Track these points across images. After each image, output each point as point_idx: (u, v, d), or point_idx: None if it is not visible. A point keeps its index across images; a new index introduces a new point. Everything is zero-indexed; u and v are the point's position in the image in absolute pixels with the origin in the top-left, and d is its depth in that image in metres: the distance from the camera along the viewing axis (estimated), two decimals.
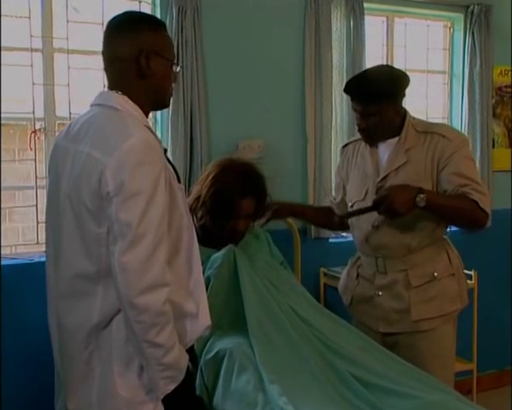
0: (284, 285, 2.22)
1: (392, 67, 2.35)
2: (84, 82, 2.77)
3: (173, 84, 1.75)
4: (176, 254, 1.62)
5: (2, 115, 2.64)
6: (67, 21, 2.72)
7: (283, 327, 2.00)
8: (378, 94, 2.12)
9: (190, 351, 1.69)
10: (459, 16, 3.68)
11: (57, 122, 2.80)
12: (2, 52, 2.63)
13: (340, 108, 3.29)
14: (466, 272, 3.09)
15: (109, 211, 1.46)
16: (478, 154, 3.61)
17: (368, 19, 3.34)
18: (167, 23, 2.82)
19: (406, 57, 3.59)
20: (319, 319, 2.11)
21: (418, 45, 3.65)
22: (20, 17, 2.65)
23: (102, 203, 1.47)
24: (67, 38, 2.73)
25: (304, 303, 2.18)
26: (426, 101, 3.68)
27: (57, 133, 2.84)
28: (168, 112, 2.85)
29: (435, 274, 2.23)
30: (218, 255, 2.19)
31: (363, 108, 2.16)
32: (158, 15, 2.89)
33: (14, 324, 2.55)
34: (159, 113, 2.94)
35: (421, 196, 2.02)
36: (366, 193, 2.27)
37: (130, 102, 1.60)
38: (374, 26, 3.47)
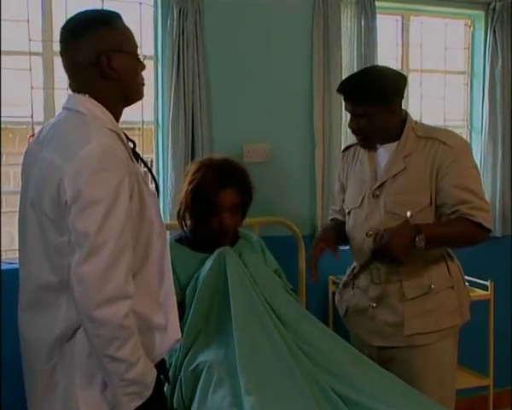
0: (274, 292, 2.13)
1: (388, 68, 2.23)
2: None
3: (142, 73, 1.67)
4: (145, 264, 1.56)
5: (2, 119, 2.64)
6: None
7: (270, 333, 1.92)
8: (367, 94, 2.03)
9: (161, 365, 1.62)
10: (480, 14, 3.52)
11: None
12: (2, 56, 2.63)
13: None
14: (481, 282, 2.97)
15: (68, 220, 1.40)
16: (499, 157, 3.44)
17: (381, 18, 3.22)
18: (168, 25, 2.78)
19: (422, 57, 3.45)
20: (308, 329, 2.03)
21: (435, 45, 3.50)
22: (19, 21, 2.63)
23: (62, 212, 1.42)
24: None
25: (293, 312, 2.09)
26: (443, 102, 3.53)
27: None
28: (168, 115, 2.80)
29: (432, 286, 2.11)
30: (210, 257, 2.14)
31: (353, 108, 2.07)
32: (159, 17, 2.85)
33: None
34: (160, 116, 2.89)
35: (420, 236, 1.95)
36: (362, 200, 2.18)
37: (97, 104, 1.54)
38: (387, 25, 3.35)
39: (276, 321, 1.99)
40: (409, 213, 2.03)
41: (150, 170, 1.75)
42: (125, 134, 1.65)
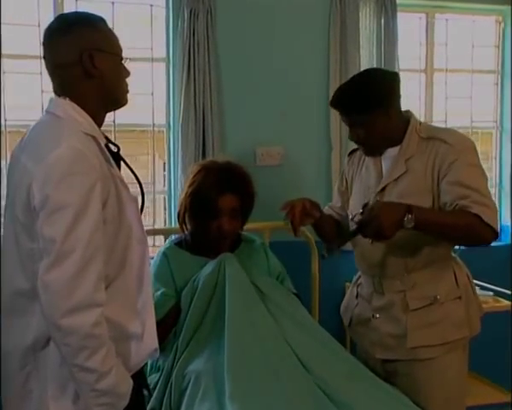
0: (272, 300, 2.07)
1: (378, 71, 2.11)
2: None
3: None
4: (122, 270, 1.51)
5: (13, 123, 2.67)
6: None
7: (264, 341, 1.87)
8: (361, 104, 1.93)
9: (139, 374, 1.58)
10: (510, 9, 3.35)
11: None
12: (13, 60, 2.66)
13: None
14: (504, 290, 2.81)
15: (37, 226, 1.38)
16: None
17: (401, 16, 3.10)
18: (179, 26, 2.75)
19: (448, 56, 3.32)
20: (305, 341, 1.95)
21: (462, 43, 3.35)
22: (30, 25, 2.65)
23: (32, 217, 1.39)
24: None
25: (290, 322, 2.01)
26: (470, 103, 3.38)
27: None
28: (179, 118, 2.76)
29: (437, 297, 1.99)
30: (210, 263, 2.09)
31: (350, 120, 1.98)
32: (170, 19, 2.82)
33: None
34: (171, 118, 2.86)
35: (410, 216, 1.77)
36: (366, 206, 2.07)
37: (76, 107, 1.51)
38: (408, 23, 3.23)
39: (274, 331, 1.94)
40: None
41: (135, 175, 1.71)
42: (108, 138, 1.61)
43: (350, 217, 2.16)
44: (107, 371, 1.41)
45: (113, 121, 2.75)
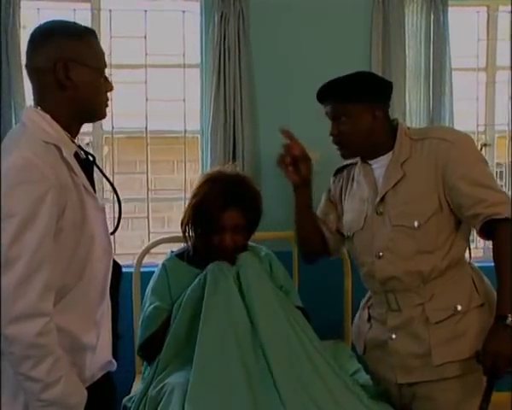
0: (265, 318, 1.95)
1: (373, 73, 2.04)
2: (126, 96, 2.77)
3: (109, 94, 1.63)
4: (80, 280, 1.49)
5: None
6: (111, 37, 2.75)
7: (230, 363, 1.80)
8: (348, 91, 1.90)
9: (96, 386, 1.55)
10: None
11: (104, 136, 2.85)
12: None
13: (417, 116, 2.86)
14: None
15: None
16: None
17: (453, 10, 2.86)
18: (210, 31, 2.71)
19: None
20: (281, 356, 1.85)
21: None
22: None
23: None
24: (111, 54, 2.75)
25: (281, 342, 1.90)
26: None
27: (104, 147, 2.91)
28: (208, 125, 2.73)
29: (458, 307, 1.82)
30: (200, 275, 2.04)
31: (334, 108, 1.95)
32: (202, 24, 2.78)
33: None
34: (204, 125, 2.83)
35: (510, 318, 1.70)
36: (365, 221, 1.94)
37: (45, 116, 1.51)
38: (464, 18, 2.97)
39: (249, 338, 1.86)
40: (416, 223, 1.84)
41: (111, 183, 1.70)
42: (81, 148, 1.61)
43: (347, 235, 2.04)
44: (53, 382, 1.39)
45: (146, 128, 2.77)
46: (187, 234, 2.14)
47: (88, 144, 2.84)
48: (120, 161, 3.24)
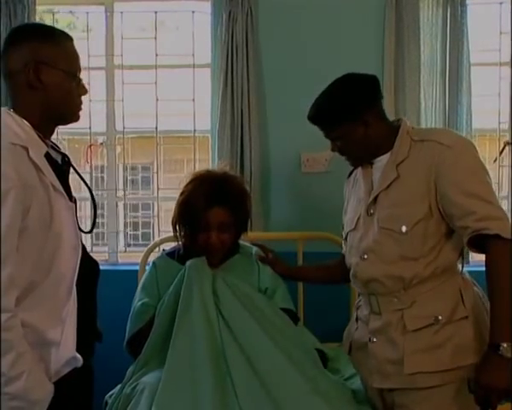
0: (241, 322, 1.94)
1: (353, 77, 1.91)
2: (137, 96, 2.82)
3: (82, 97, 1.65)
4: (46, 277, 1.52)
5: (68, 131, 2.84)
6: (122, 38, 2.80)
7: (200, 364, 1.78)
8: (330, 119, 1.83)
9: (63, 384, 1.57)
10: None
11: (117, 136, 2.91)
12: None
13: (432, 114, 2.77)
14: None
15: None
16: None
17: (474, 3, 2.76)
18: (218, 30, 2.72)
19: None
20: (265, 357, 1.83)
21: None
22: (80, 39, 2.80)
23: None
24: (122, 55, 2.80)
25: (253, 335, 1.88)
26: None
27: (117, 147, 2.97)
28: (216, 124, 2.73)
29: (439, 317, 1.74)
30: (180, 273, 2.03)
31: (326, 134, 1.88)
32: (211, 23, 2.79)
33: None
34: (214, 124, 2.84)
35: (505, 346, 1.60)
36: (357, 221, 1.89)
37: (15, 117, 1.55)
38: (484, 11, 2.85)
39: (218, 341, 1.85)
40: (404, 228, 1.75)
41: (85, 182, 1.73)
42: (55, 147, 1.64)
43: (343, 236, 1.99)
44: (16, 376, 1.42)
45: (156, 128, 2.81)
46: (177, 233, 2.15)
47: (102, 144, 2.91)
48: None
